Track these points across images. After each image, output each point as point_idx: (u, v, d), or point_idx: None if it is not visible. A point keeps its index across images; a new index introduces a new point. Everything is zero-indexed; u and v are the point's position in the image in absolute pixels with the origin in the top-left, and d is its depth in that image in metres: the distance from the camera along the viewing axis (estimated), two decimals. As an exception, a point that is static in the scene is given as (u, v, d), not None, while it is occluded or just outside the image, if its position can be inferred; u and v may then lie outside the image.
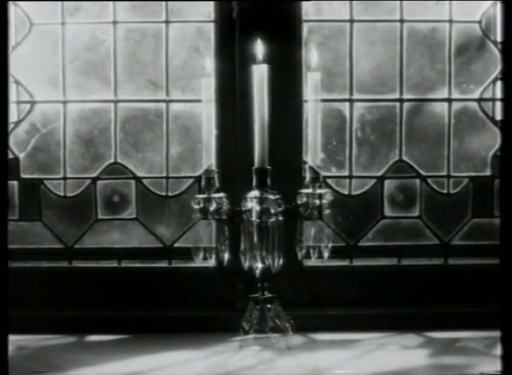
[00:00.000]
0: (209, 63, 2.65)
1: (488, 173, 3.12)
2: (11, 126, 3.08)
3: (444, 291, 3.06)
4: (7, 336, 2.19)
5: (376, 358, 2.67)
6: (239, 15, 2.98)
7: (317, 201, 2.57)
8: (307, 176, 2.59)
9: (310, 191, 2.58)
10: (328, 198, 2.58)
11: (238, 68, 2.96)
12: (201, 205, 2.59)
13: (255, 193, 2.56)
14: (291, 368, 2.53)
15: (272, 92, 2.58)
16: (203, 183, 2.61)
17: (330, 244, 2.60)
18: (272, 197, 2.56)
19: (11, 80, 3.06)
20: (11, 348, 2.60)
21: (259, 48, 2.56)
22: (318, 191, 2.58)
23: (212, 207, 2.58)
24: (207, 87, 2.61)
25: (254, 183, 2.56)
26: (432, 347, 2.77)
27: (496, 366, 2.43)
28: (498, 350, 2.55)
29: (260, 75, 2.53)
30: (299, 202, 2.59)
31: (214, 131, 2.60)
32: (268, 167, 2.55)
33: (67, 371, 2.53)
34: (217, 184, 2.61)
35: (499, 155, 3.08)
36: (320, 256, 2.59)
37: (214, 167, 2.61)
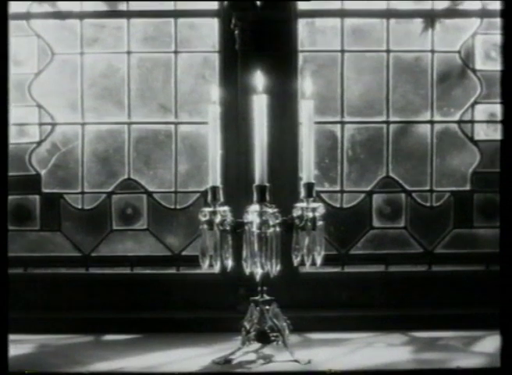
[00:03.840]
0: (214, 90, 2.67)
1: (467, 187, 3.22)
2: (33, 146, 3.18)
3: (428, 295, 3.16)
4: (7, 336, 2.18)
5: (364, 354, 2.76)
6: (241, 46, 3.07)
7: (310, 214, 2.61)
8: (303, 191, 2.62)
9: (304, 204, 2.62)
10: (320, 211, 2.62)
11: (240, 95, 3.06)
12: (207, 217, 2.63)
13: (256, 207, 2.61)
14: (288, 363, 2.61)
15: (270, 116, 2.64)
16: (209, 197, 2.65)
17: (323, 253, 2.64)
18: (270, 210, 2.60)
19: (33, 103, 3.17)
20: (35, 345, 2.82)
21: (259, 79, 2.60)
22: (312, 204, 2.62)
23: (217, 219, 2.62)
24: (212, 112, 2.64)
25: (255, 198, 2.61)
26: (415, 345, 2.86)
27: (473, 361, 2.59)
28: (476, 347, 2.77)
29: (260, 104, 2.58)
30: (295, 215, 2.63)
31: (219, 151, 2.64)
32: (267, 184, 2.59)
33: (87, 365, 2.61)
34: (221, 199, 2.65)
35: (478, 171, 3.20)
36: (313, 263, 2.63)
37: (219, 183, 2.64)
